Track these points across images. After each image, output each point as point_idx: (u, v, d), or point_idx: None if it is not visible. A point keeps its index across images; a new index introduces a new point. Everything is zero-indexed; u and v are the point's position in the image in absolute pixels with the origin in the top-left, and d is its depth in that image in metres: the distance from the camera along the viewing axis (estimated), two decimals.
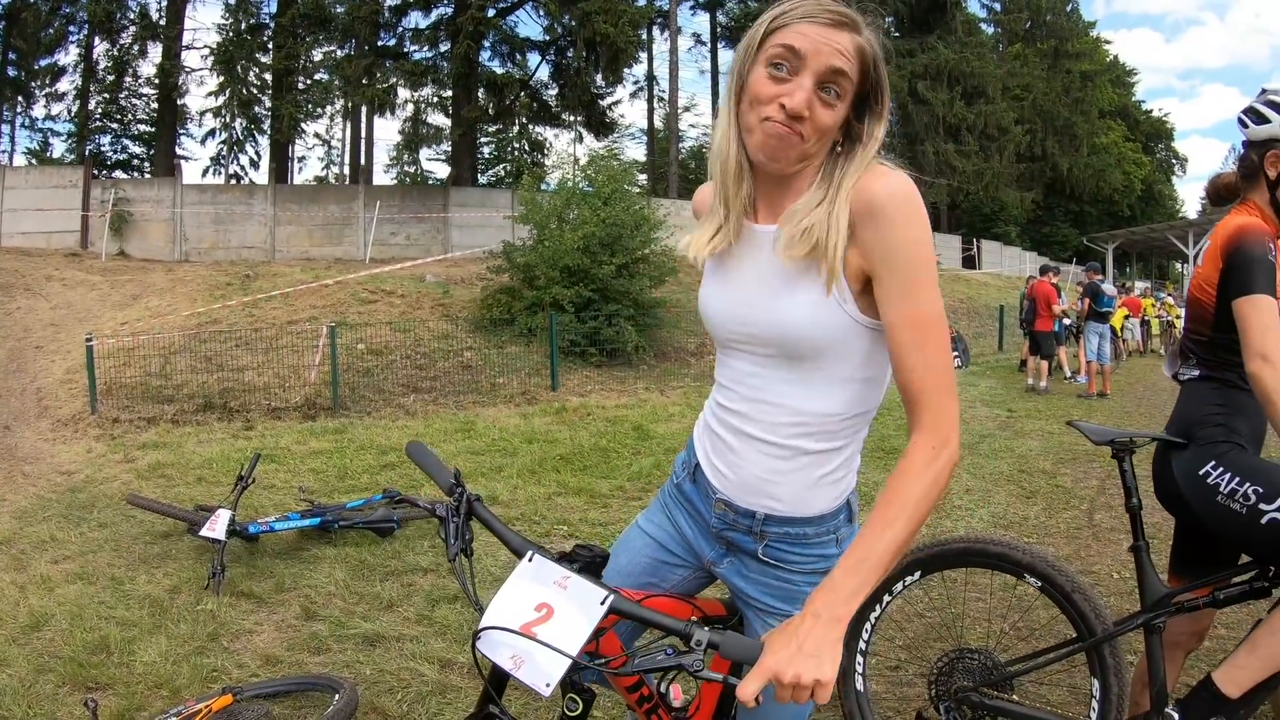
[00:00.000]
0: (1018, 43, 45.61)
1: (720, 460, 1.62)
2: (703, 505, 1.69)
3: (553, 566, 1.45)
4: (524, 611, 1.39)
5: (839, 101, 1.37)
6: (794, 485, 1.54)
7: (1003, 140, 37.39)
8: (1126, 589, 4.50)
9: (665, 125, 39.68)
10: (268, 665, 3.66)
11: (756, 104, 1.38)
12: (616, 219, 13.53)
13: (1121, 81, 58.28)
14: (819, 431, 1.51)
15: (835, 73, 1.35)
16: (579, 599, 1.39)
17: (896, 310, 1.35)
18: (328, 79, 25.70)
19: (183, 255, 20.04)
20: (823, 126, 1.37)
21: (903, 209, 1.35)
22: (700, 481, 1.69)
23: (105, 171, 30.84)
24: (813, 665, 1.17)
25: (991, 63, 37.76)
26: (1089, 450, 8.36)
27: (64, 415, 9.68)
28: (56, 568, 5.00)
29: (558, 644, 1.34)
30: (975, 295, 26.46)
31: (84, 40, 27.80)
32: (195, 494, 6.66)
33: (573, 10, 21.80)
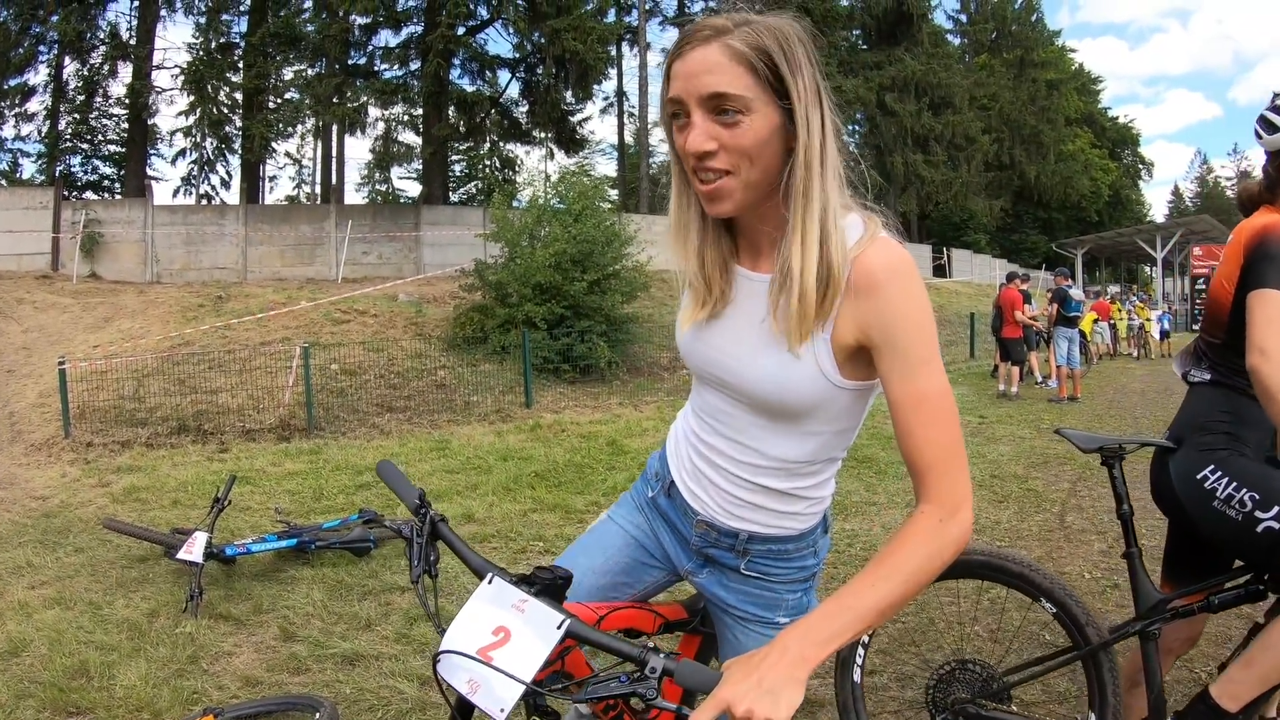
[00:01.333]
0: (984, 53, 46.28)
1: (697, 485, 1.62)
2: (681, 523, 1.69)
3: (511, 589, 1.44)
4: (482, 635, 1.38)
5: (743, 115, 1.25)
6: (772, 511, 1.56)
7: (970, 150, 37.82)
8: (1098, 589, 4.59)
9: (635, 140, 39.77)
10: (248, 686, 3.67)
11: (684, 160, 1.32)
12: (587, 235, 13.59)
13: (1087, 89, 59.25)
14: (789, 475, 1.52)
15: (715, 95, 1.24)
16: (536, 623, 1.38)
17: (901, 388, 1.31)
18: (298, 98, 25.59)
19: (154, 276, 19.90)
20: (740, 148, 1.27)
21: (900, 286, 1.30)
22: (677, 499, 1.69)
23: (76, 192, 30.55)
24: (768, 703, 1.12)
25: (958, 73, 38.23)
26: (1060, 454, 8.48)
27: (37, 440, 9.60)
28: (34, 593, 4.97)
29: (512, 669, 1.33)
30: (946, 304, 26.72)
31: (54, 60, 27.52)
32: (171, 517, 6.63)
33: (542, 27, 21.91)
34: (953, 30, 45.74)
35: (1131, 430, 9.86)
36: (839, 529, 5.89)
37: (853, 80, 32.33)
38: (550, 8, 21.63)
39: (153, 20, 25.88)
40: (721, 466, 1.56)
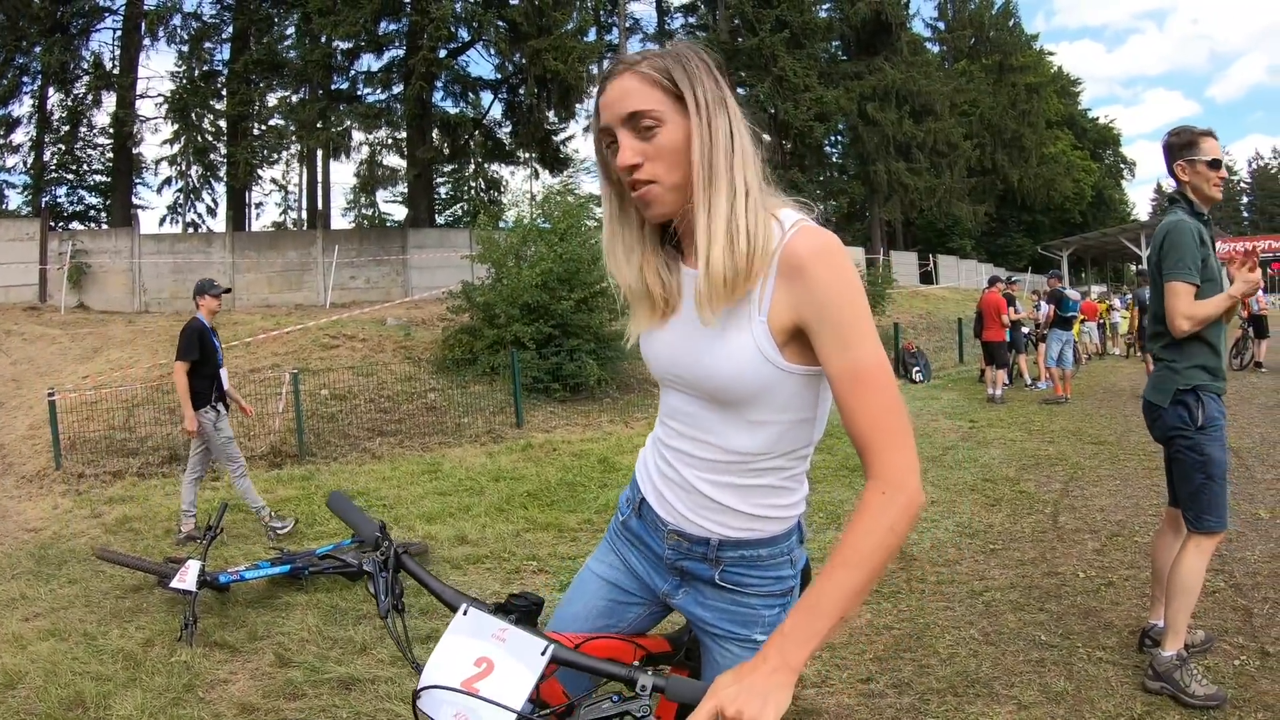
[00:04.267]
0: (963, 60, 46.60)
1: (668, 491, 1.64)
2: (652, 539, 1.70)
3: (489, 619, 1.43)
4: (464, 667, 1.37)
5: (659, 125, 1.40)
6: (740, 513, 1.57)
7: (953, 156, 38.01)
8: (1093, 588, 4.61)
9: None
10: (244, 714, 3.66)
11: (625, 184, 1.46)
12: (573, 254, 13.58)
13: (1066, 92, 59.70)
14: (751, 469, 1.54)
15: (632, 114, 1.40)
16: (518, 650, 1.38)
17: (836, 364, 1.36)
18: (282, 124, 25.61)
19: (142, 306, 19.86)
20: (661, 153, 1.40)
21: (830, 264, 1.36)
22: (647, 516, 1.71)
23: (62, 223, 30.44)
24: (757, 704, 1.17)
25: (938, 80, 38.39)
26: (1051, 455, 8.52)
27: (28, 471, 9.55)
28: (28, 625, 4.95)
29: (500, 699, 1.32)
30: (934, 309, 26.82)
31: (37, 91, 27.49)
32: (164, 546, 6.63)
33: (523, 48, 21.99)
34: (931, 38, 46.05)
35: (1122, 429, 9.90)
36: (832, 537, 5.91)
37: (834, 91, 32.46)
38: (531, 28, 21.70)
39: (135, 50, 25.87)
40: (688, 466, 1.58)
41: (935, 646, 3.95)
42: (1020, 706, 3.35)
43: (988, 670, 3.67)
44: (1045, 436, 9.73)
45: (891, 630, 4.19)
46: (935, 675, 3.66)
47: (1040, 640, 3.95)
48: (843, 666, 3.81)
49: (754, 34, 31.40)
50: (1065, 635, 3.99)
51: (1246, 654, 3.67)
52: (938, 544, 5.67)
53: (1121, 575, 4.80)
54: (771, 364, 1.42)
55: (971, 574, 5.00)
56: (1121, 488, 7.00)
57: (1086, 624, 4.11)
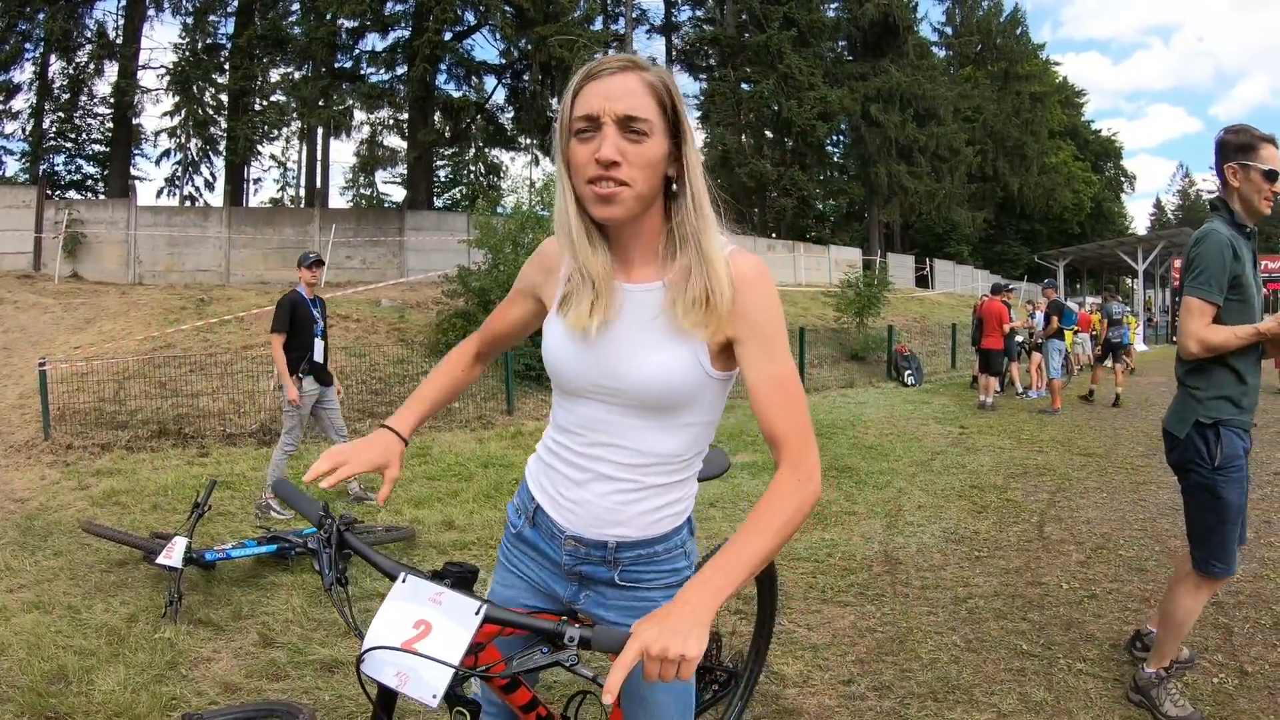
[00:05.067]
0: (969, 65, 46.64)
1: (572, 500, 1.67)
2: (548, 546, 1.74)
3: (426, 584, 1.49)
4: (403, 630, 1.44)
5: (647, 137, 1.45)
6: (642, 515, 1.64)
7: (954, 161, 38.05)
8: (1075, 599, 4.63)
9: None
10: (226, 693, 3.66)
11: (579, 172, 1.48)
12: None
13: (1070, 102, 59.75)
14: (667, 469, 1.63)
15: (630, 117, 1.43)
16: (454, 612, 1.45)
17: (761, 371, 1.51)
18: (284, 100, 25.50)
19: (136, 278, 19.78)
20: (642, 162, 1.46)
21: (765, 285, 1.53)
22: (542, 524, 1.74)
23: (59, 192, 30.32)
24: (679, 640, 1.25)
25: (943, 85, 38.43)
26: (1039, 465, 8.55)
27: (16, 441, 9.52)
28: (12, 596, 4.94)
29: (439, 655, 1.39)
30: (928, 314, 26.88)
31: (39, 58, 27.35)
32: (151, 521, 6.61)
33: (529, 34, 21.93)
34: (938, 42, 46.06)
35: (1111, 442, 9.95)
36: (818, 538, 5.93)
37: (838, 91, 32.45)
38: (538, 14, 21.64)
39: (140, 20, 25.75)
40: (598, 472, 1.63)
41: (917, 651, 3.97)
42: (1000, 715, 3.36)
43: (968, 677, 3.69)
44: (1034, 446, 9.76)
45: (874, 633, 4.21)
46: (916, 680, 3.68)
47: (1021, 649, 3.97)
48: (824, 667, 3.83)
49: (761, 30, 31.36)
50: (1047, 645, 4.01)
51: (1225, 672, 3.69)
52: (923, 549, 5.69)
53: (1105, 588, 4.83)
54: (704, 372, 1.55)
55: (956, 580, 5.02)
56: (1108, 500, 7.03)
57: (1068, 635, 4.14)
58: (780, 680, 3.70)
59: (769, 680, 3.68)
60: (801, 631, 4.26)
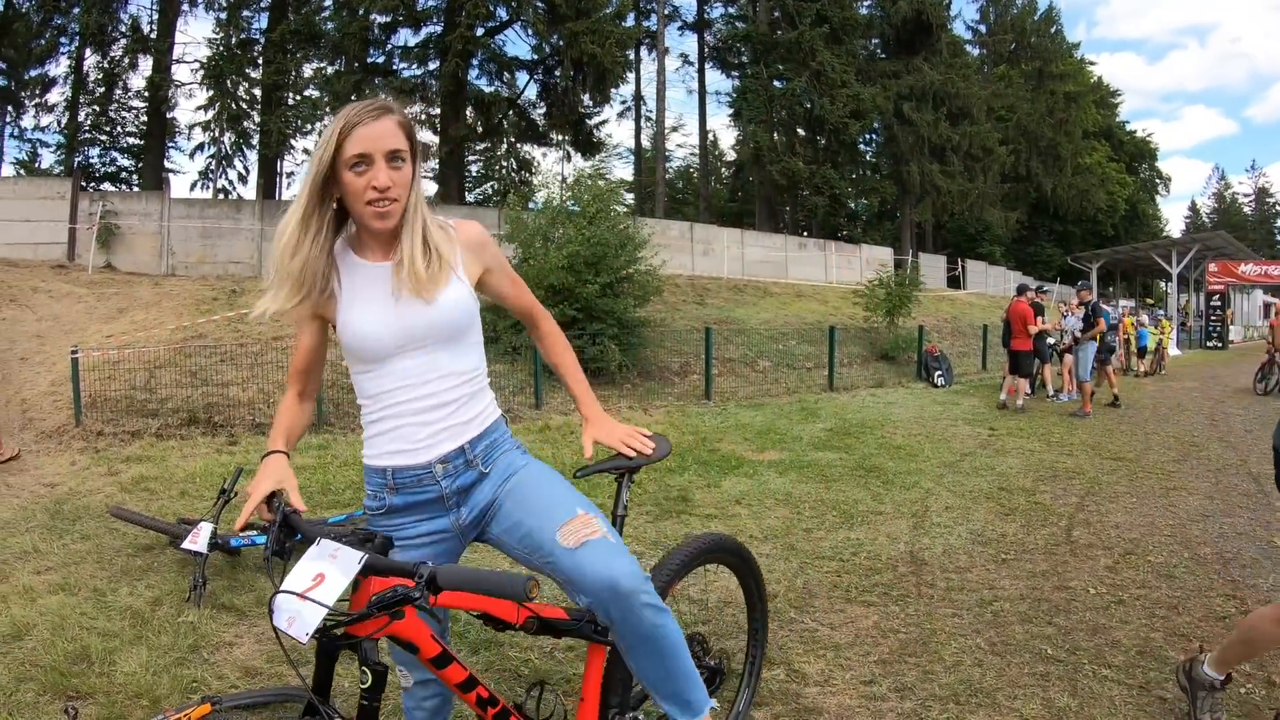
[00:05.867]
0: (1002, 64, 46.21)
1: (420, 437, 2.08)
2: (420, 492, 2.11)
3: (330, 544, 1.73)
4: (304, 581, 1.67)
5: (405, 164, 1.97)
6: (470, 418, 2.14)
7: (987, 160, 37.75)
8: (1102, 605, 4.55)
9: (652, 145, 39.82)
10: (247, 677, 3.68)
11: (355, 196, 1.94)
12: (601, 238, 13.54)
13: (1105, 103, 58.94)
14: (475, 379, 2.17)
15: (394, 152, 1.94)
16: (342, 564, 1.69)
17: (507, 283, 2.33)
18: (317, 95, 25.68)
19: (169, 269, 19.98)
20: (404, 183, 1.97)
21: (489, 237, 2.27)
22: (405, 481, 2.10)
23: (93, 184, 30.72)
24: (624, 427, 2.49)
25: (976, 84, 38.13)
26: (1069, 468, 8.44)
27: (48, 427, 9.65)
28: (39, 578, 5.00)
29: (318, 598, 1.62)
30: (960, 315, 26.64)
31: (75, 52, 27.71)
32: (178, 507, 6.67)
33: (561, 30, 21.96)
34: (972, 41, 45.72)
35: (1141, 446, 9.81)
36: (844, 537, 5.89)
37: (870, 89, 32.26)
38: (570, 10, 21.67)
39: (174, 15, 26.04)
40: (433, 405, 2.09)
41: (940, 653, 3.92)
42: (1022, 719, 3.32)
43: (992, 680, 3.64)
44: (1064, 449, 9.64)
45: (898, 634, 4.16)
46: (939, 682, 3.63)
47: (1046, 654, 3.91)
48: (846, 667, 3.79)
49: (794, 27, 31.24)
50: (1072, 650, 3.95)
51: (1254, 683, 3.62)
52: (949, 550, 5.63)
53: (1132, 594, 4.74)
54: (472, 299, 2.16)
55: (981, 583, 4.95)
56: (1138, 505, 6.93)
57: (1094, 641, 4.07)
58: (801, 679, 3.67)
59: (789, 679, 3.65)
60: (824, 630, 4.22)
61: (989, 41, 46.24)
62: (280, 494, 1.91)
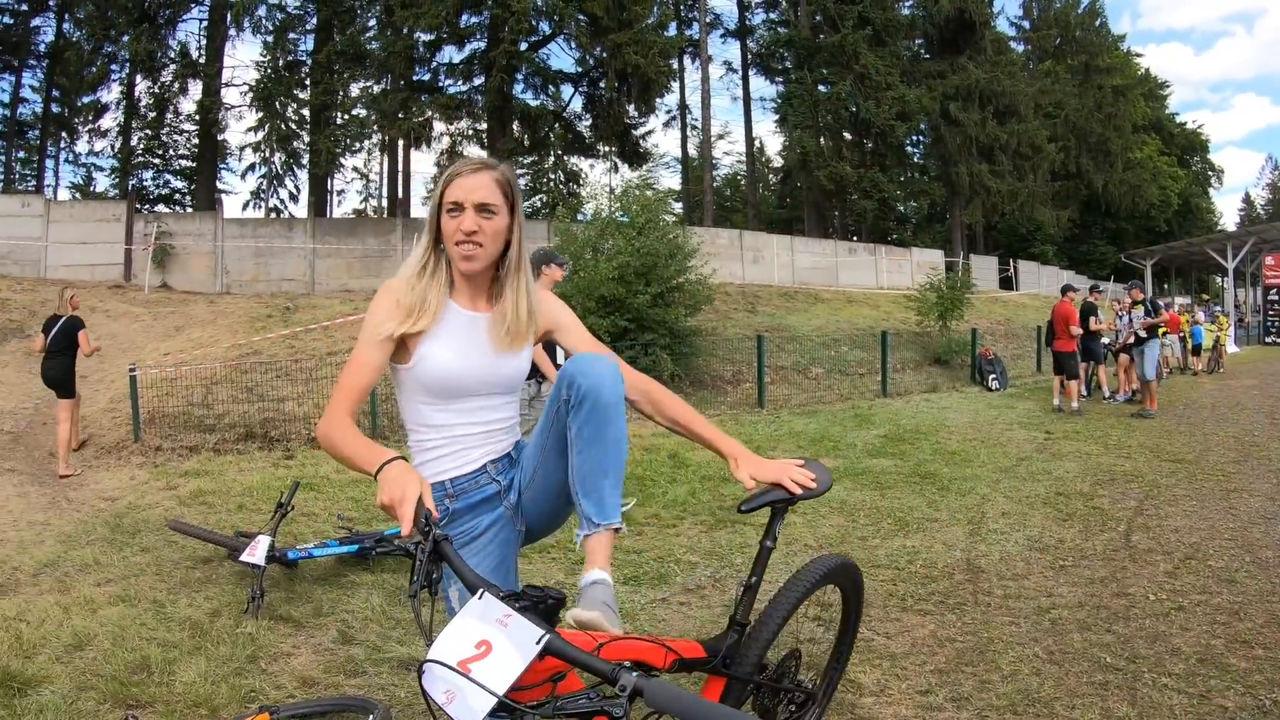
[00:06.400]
0: (1048, 59, 45.45)
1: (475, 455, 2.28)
2: (479, 491, 2.28)
3: (497, 605, 1.53)
4: (465, 648, 1.47)
5: (496, 215, 2.15)
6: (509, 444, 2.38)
7: (1036, 159, 37.18)
8: (1162, 611, 4.45)
9: (699, 153, 39.77)
10: (304, 687, 3.73)
11: (448, 237, 2.16)
12: (651, 248, 13.52)
13: (1153, 95, 57.61)
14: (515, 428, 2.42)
15: (483, 204, 2.13)
16: (516, 637, 1.47)
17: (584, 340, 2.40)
18: (364, 114, 26.05)
19: (224, 288, 20.39)
20: (492, 232, 2.16)
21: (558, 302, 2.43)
22: (463, 487, 2.26)
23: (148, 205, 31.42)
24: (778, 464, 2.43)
25: (1022, 81, 37.59)
26: (1127, 471, 8.27)
27: (108, 443, 9.88)
28: (99, 590, 5.11)
29: (487, 682, 1.41)
30: (1013, 316, 26.25)
31: (126, 78, 28.47)
32: (236, 520, 6.78)
33: (604, 42, 22.03)
34: (1016, 37, 45.03)
35: (1201, 448, 9.57)
36: (899, 545, 5.82)
37: (916, 90, 31.95)
38: (612, 22, 21.74)
39: (222, 40, 26.61)
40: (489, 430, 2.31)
41: (998, 662, 3.86)
42: None
43: (1049, 690, 3.57)
44: (1122, 451, 9.44)
45: (954, 643, 4.10)
46: (996, 691, 3.57)
47: (1105, 662, 3.82)
48: (902, 677, 3.74)
49: (836, 30, 31.08)
50: (1131, 659, 3.86)
51: None
52: (1006, 557, 5.53)
53: (1193, 600, 4.62)
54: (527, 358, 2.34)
55: (1039, 590, 4.86)
56: (1198, 509, 6.75)
57: (1154, 648, 3.97)
58: (857, 689, 3.63)
59: (845, 689, 3.61)
60: (880, 640, 4.17)
61: (1033, 37, 45.55)
62: (428, 513, 1.73)
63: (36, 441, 10.04)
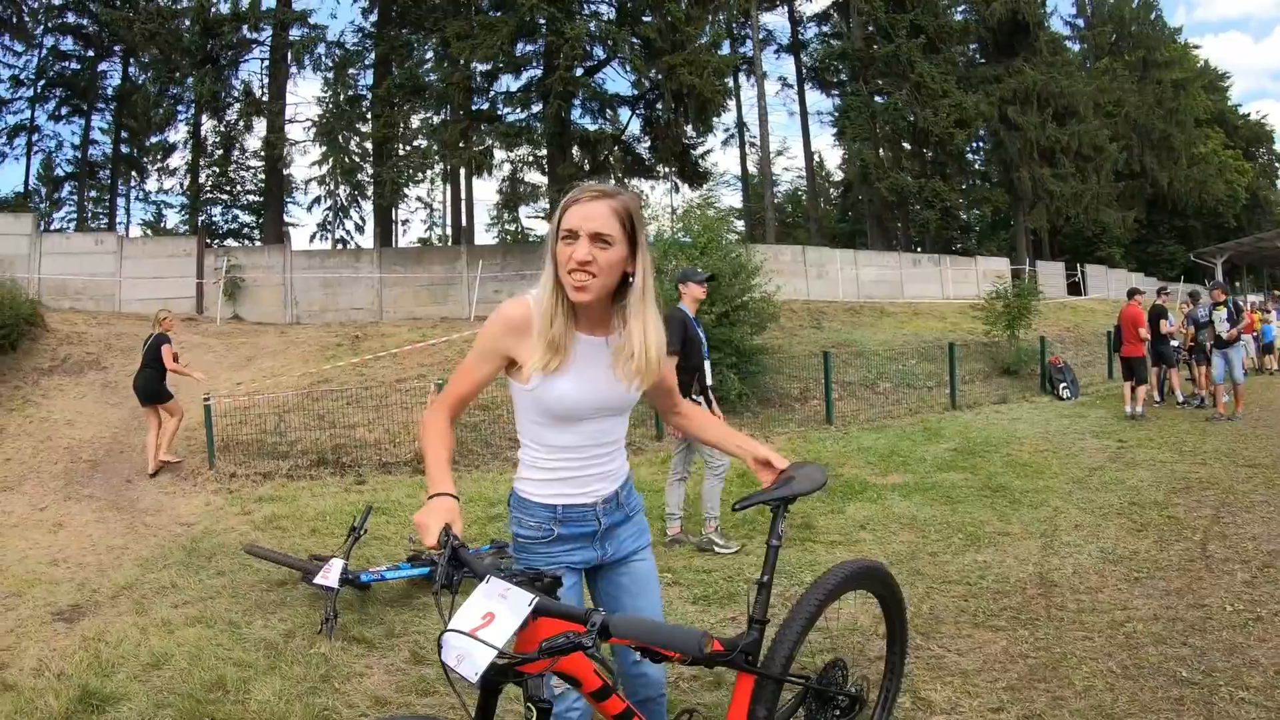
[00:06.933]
0: (1105, 57, 44.41)
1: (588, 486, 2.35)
2: (582, 526, 2.36)
3: (500, 583, 1.79)
4: (473, 620, 1.72)
5: (611, 246, 2.11)
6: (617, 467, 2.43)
7: (1099, 159, 36.34)
8: (1239, 622, 4.33)
9: (759, 170, 39.69)
10: (377, 706, 3.80)
11: (561, 264, 2.13)
12: (715, 268, 13.48)
13: (1214, 86, 55.58)
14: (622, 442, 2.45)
15: (598, 234, 2.09)
16: (513, 605, 1.74)
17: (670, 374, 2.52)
18: (426, 144, 26.45)
19: (294, 318, 20.85)
20: (606, 264, 2.11)
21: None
22: (570, 515, 2.35)
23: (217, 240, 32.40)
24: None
25: (1080, 80, 36.81)
26: (1202, 478, 8.05)
27: (184, 470, 10.16)
28: (176, 611, 5.27)
29: (488, 639, 1.67)
30: (1082, 323, 25.64)
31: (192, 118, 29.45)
32: (309, 545, 6.93)
33: (658, 64, 22.08)
34: (1071, 36, 44.20)
35: (1278, 451, 9.28)
36: (971, 560, 5.76)
37: (972, 95, 31.47)
38: (665, 43, 21.80)
39: (283, 78, 27.34)
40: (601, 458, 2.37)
41: (1071, 678, 3.79)
42: None
43: (1124, 706, 3.49)
44: (1197, 458, 9.17)
45: (1027, 659, 4.04)
46: (1069, 708, 3.50)
47: (1181, 676, 3.73)
48: (974, 694, 3.69)
49: (889, 40, 30.84)
50: (1208, 672, 3.76)
51: None
52: (1079, 570, 5.43)
53: (1272, 610, 4.48)
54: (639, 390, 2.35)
55: (1113, 603, 4.76)
56: (1276, 515, 6.54)
57: (1231, 661, 3.86)
58: (928, 707, 3.59)
59: (915, 706, 3.58)
60: (951, 656, 4.13)
61: (1088, 35, 44.63)
62: (449, 528, 1.98)
63: (114, 469, 10.34)
